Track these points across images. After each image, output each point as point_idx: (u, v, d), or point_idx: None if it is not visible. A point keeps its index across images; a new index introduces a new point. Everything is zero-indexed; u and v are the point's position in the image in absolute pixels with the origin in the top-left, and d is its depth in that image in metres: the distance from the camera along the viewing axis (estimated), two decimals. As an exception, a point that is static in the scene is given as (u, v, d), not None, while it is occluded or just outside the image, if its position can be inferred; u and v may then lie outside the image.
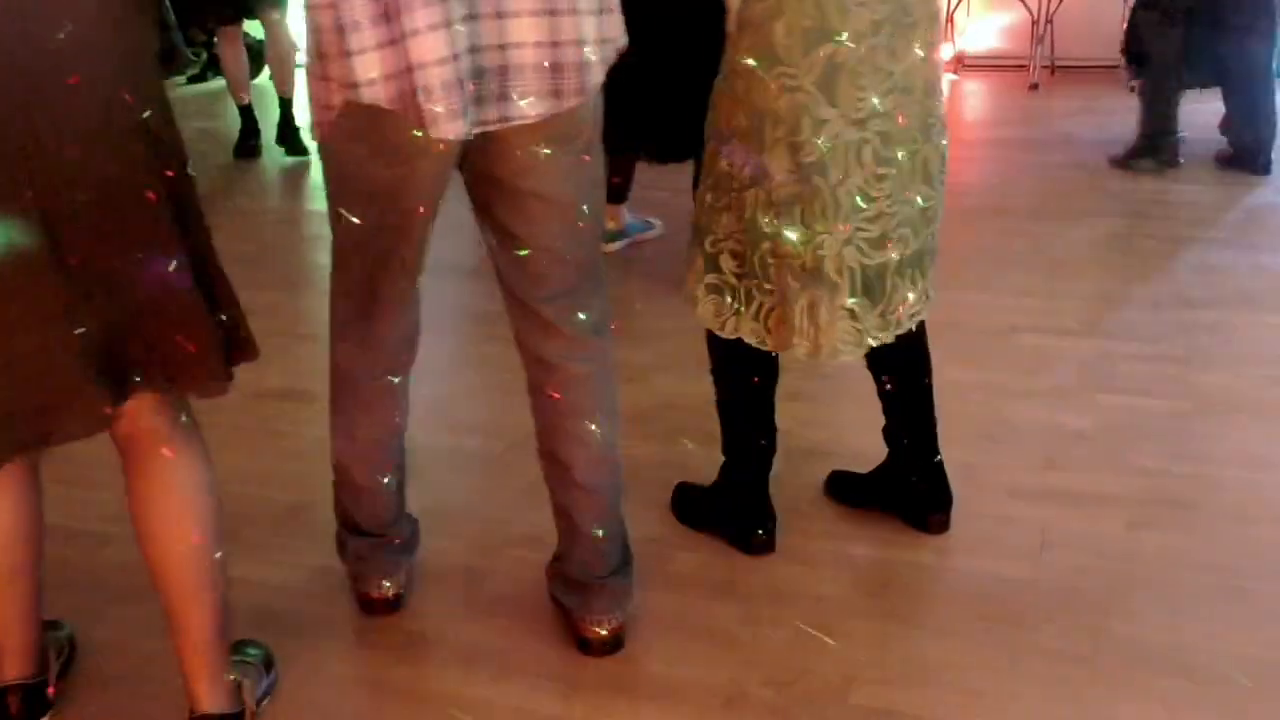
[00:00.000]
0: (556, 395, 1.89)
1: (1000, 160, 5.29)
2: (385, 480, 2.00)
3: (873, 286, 1.98)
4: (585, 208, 1.79)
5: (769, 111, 1.89)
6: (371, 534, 2.04)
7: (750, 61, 1.88)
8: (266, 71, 6.08)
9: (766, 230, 1.94)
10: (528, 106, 1.61)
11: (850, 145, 1.89)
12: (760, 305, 2.02)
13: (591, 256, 1.87)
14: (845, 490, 2.40)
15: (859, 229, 1.94)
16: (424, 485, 2.45)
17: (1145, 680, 1.85)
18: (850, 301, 1.97)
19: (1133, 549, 2.20)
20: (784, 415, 2.75)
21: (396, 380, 1.94)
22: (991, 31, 7.34)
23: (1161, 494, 2.39)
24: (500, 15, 1.57)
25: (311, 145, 5.41)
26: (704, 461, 2.56)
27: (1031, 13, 6.85)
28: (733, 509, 2.26)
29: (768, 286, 1.99)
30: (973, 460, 2.53)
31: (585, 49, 1.63)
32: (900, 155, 1.93)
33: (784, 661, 1.92)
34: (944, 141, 2.03)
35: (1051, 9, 6.75)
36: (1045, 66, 6.81)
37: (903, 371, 2.23)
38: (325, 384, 1.97)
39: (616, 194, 3.99)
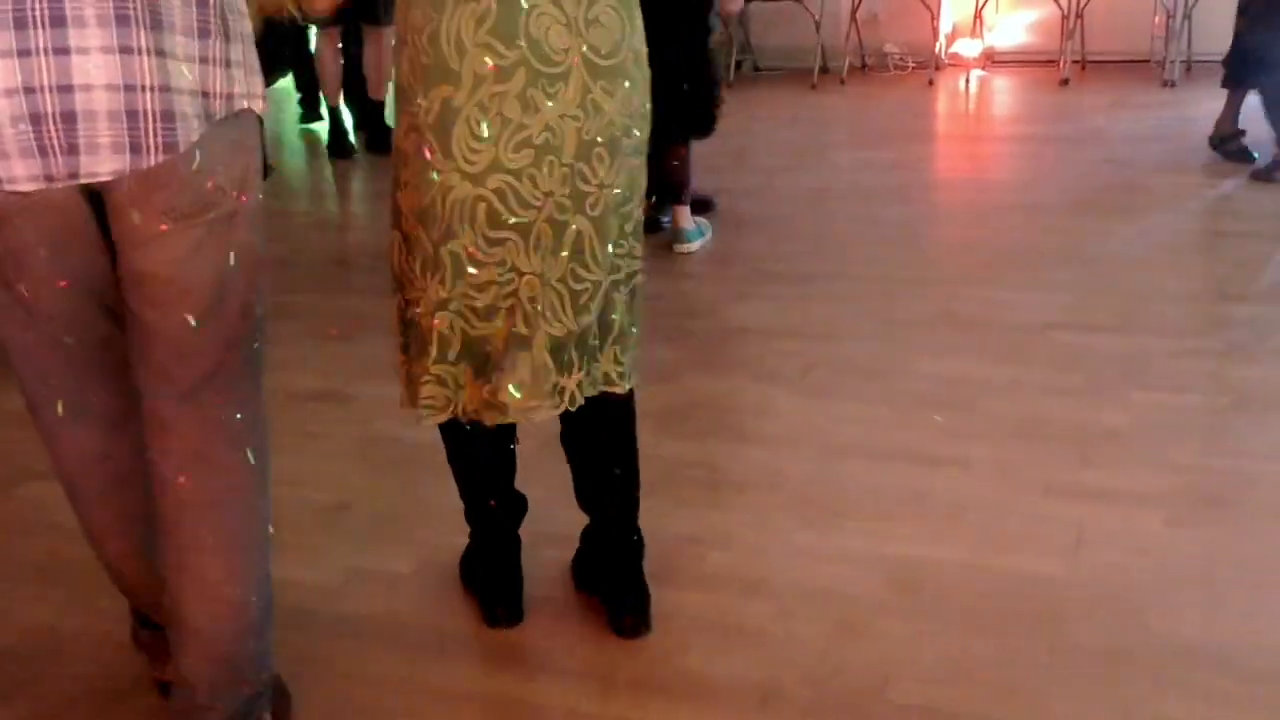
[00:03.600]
0: (173, 520, 1.59)
1: (1031, 156, 5.26)
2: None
3: (478, 358, 1.79)
4: (231, 292, 1.53)
5: (398, 149, 1.77)
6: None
7: (393, 96, 1.80)
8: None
9: (397, 274, 1.85)
10: (95, 162, 1.37)
11: (461, 202, 1.70)
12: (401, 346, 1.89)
13: (237, 353, 1.57)
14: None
15: (464, 294, 1.75)
16: (450, 485, 2.46)
17: (1185, 677, 1.83)
18: (436, 368, 1.79)
19: (1171, 546, 2.18)
20: (816, 413, 2.76)
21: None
22: (1020, 27, 7.30)
23: (1199, 490, 2.36)
24: (59, 51, 1.32)
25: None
26: (734, 460, 2.57)
27: (1061, 8, 6.80)
28: (481, 576, 2.10)
29: (398, 337, 1.88)
30: (1007, 458, 2.52)
31: (174, 97, 1.39)
32: (529, 220, 1.72)
33: (820, 659, 1.91)
34: (619, 213, 1.80)
35: (1081, 3, 6.70)
36: (1075, 61, 6.77)
37: (580, 452, 2.01)
38: (361, 384, 1.98)
39: (675, 194, 3.95)
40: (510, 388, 1.77)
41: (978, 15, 7.14)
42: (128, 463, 1.64)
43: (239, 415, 1.60)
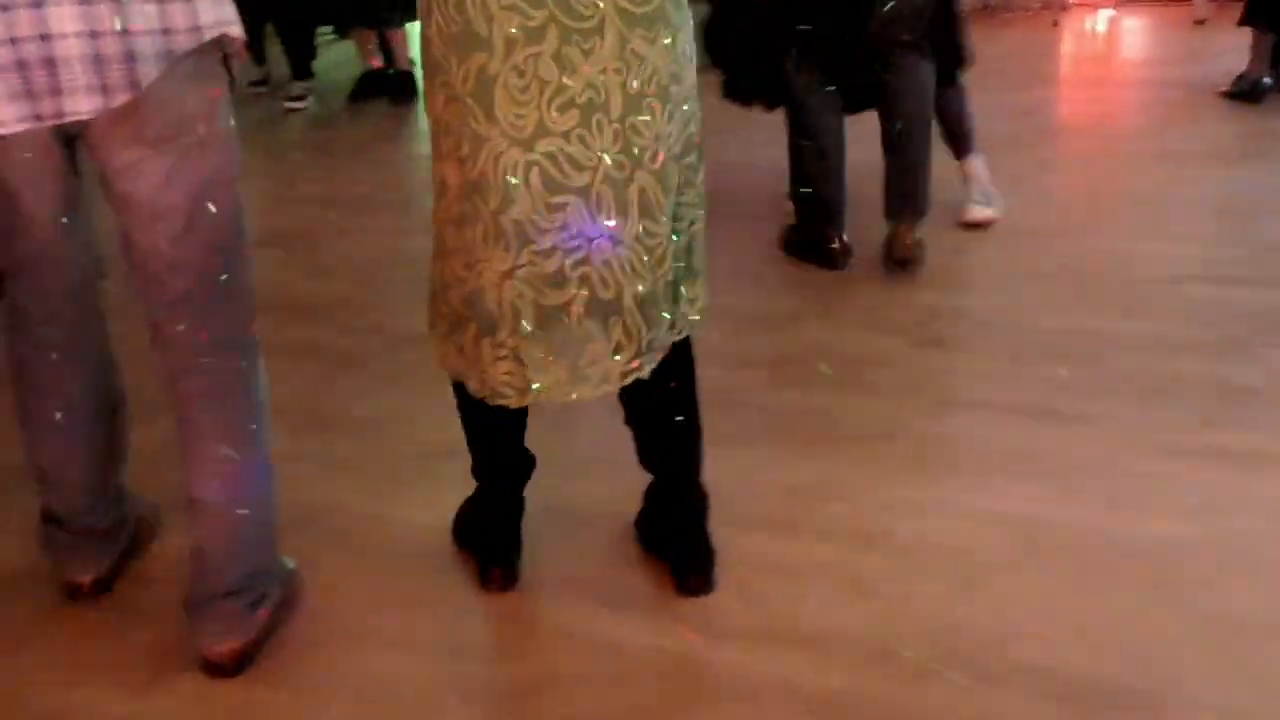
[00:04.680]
0: (178, 414, 1.80)
1: (1163, 101, 5.06)
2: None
3: (552, 329, 1.74)
4: (201, 211, 1.68)
5: (439, 120, 1.74)
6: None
7: (421, 68, 1.76)
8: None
9: (447, 246, 1.80)
10: (75, 102, 1.55)
11: (513, 167, 1.66)
12: (449, 328, 1.85)
13: (212, 265, 1.72)
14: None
15: (529, 263, 1.71)
16: (577, 432, 2.49)
17: (1321, 648, 1.77)
18: (511, 341, 1.75)
19: (1306, 511, 2.11)
20: (934, 365, 2.72)
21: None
22: (1154, -36, 7.00)
23: (1337, 454, 2.28)
24: (38, 5, 1.50)
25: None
26: (851, 411, 2.55)
27: (1198, -57, 6.50)
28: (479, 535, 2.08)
29: (445, 309, 1.84)
30: (1135, 415, 2.45)
31: (135, 40, 1.54)
32: (586, 183, 1.69)
33: (937, 616, 1.89)
34: (680, 163, 1.76)
35: (1221, -61, 6.39)
36: (1213, 0, 6.46)
37: (638, 405, 1.95)
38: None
39: (964, 143, 3.62)
40: (606, 355, 1.76)
41: (1109, -48, 6.87)
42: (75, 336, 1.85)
43: (228, 323, 1.77)
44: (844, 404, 2.58)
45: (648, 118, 1.68)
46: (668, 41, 1.68)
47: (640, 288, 1.74)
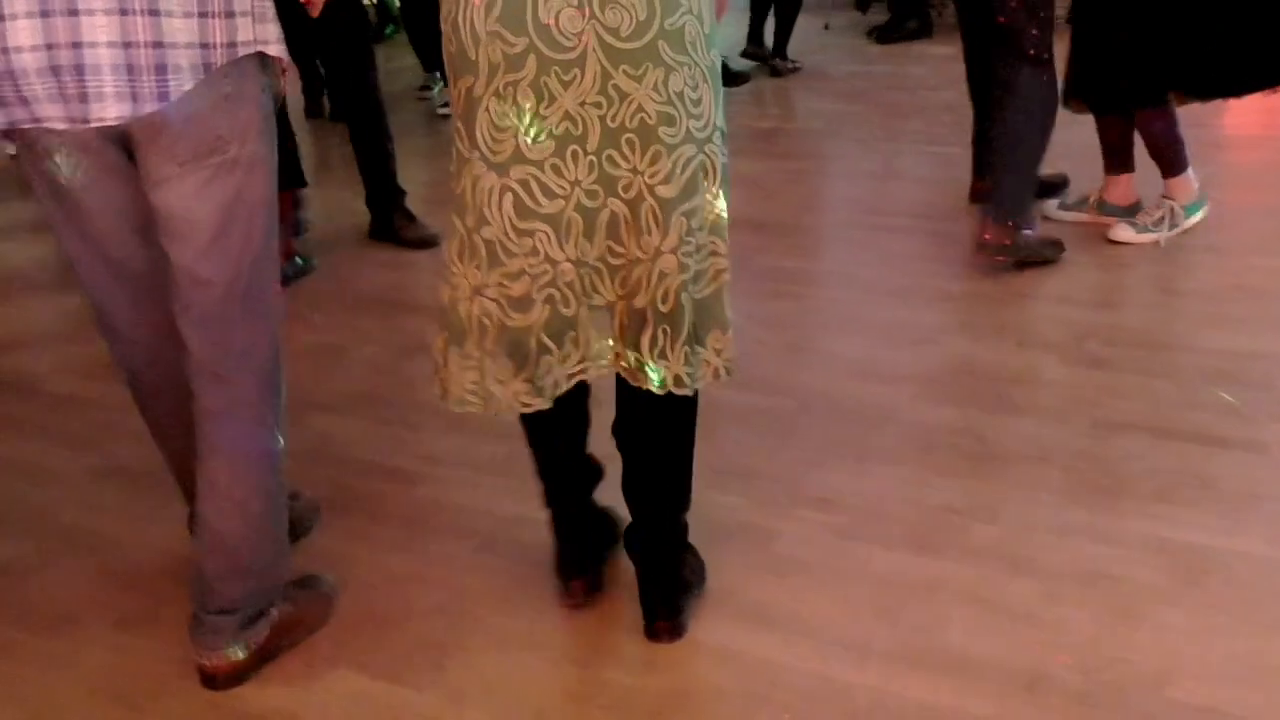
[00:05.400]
0: (197, 426, 1.81)
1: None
2: None
3: (516, 348, 1.74)
4: (230, 230, 1.71)
5: (454, 128, 1.73)
6: None
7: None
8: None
9: (444, 260, 1.80)
10: (102, 108, 1.57)
11: (488, 191, 1.66)
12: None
13: (240, 286, 1.74)
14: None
15: (497, 284, 1.70)
16: (714, 443, 2.47)
17: None
18: (476, 353, 1.75)
19: None
20: (1088, 385, 2.62)
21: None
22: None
23: None
24: (73, 13, 1.53)
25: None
26: (999, 430, 2.47)
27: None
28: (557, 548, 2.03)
29: (441, 330, 1.83)
30: (1306, 443, 2.32)
31: (168, 52, 1.57)
32: (557, 210, 1.66)
33: (1092, 647, 1.82)
34: (676, 209, 1.67)
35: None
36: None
37: (632, 445, 1.91)
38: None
39: (1122, 159, 3.53)
40: (553, 362, 1.75)
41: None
42: (173, 371, 1.83)
43: (248, 342, 1.79)
44: (994, 423, 2.50)
45: (625, 152, 1.64)
46: (658, 80, 1.61)
47: (597, 299, 1.74)
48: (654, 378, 1.75)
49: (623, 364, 1.78)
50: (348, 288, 3.57)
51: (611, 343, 1.78)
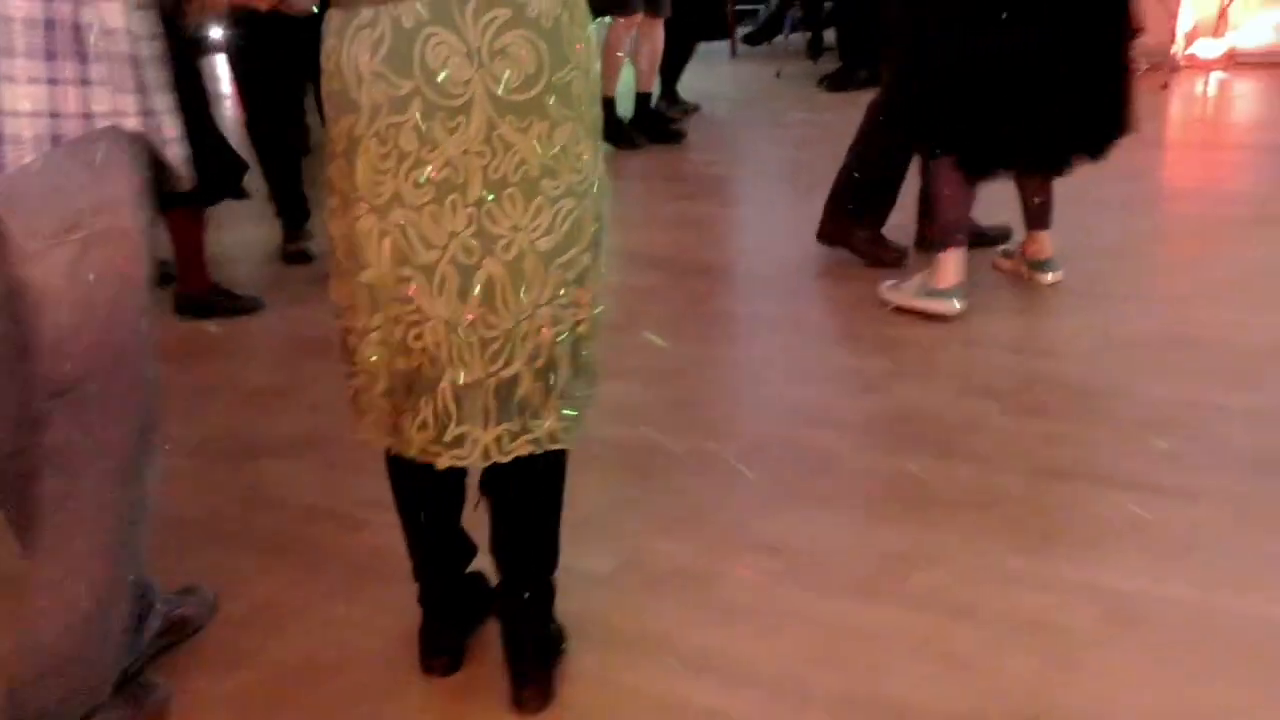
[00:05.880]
0: (36, 513, 1.66)
1: (1274, 166, 4.92)
2: None
3: (402, 393, 1.70)
4: (98, 309, 1.60)
5: (326, 175, 1.70)
6: None
7: None
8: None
9: (335, 299, 1.77)
10: None
11: (369, 234, 1.63)
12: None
13: (104, 369, 1.63)
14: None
15: (382, 326, 1.67)
16: (658, 488, 2.49)
17: None
18: (366, 395, 1.74)
19: None
20: (1029, 433, 2.66)
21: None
22: (1268, 27, 6.84)
23: None
24: None
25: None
26: (942, 476, 2.50)
27: (1315, 6, 6.35)
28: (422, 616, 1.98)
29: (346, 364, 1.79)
30: (1242, 491, 2.36)
31: (7, 120, 1.47)
32: (432, 261, 1.62)
33: (1030, 694, 1.83)
34: (552, 263, 1.65)
35: (1339, 2, 6.24)
36: (1329, 64, 6.30)
37: (499, 503, 1.86)
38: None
39: (1039, 218, 3.57)
40: (414, 429, 1.70)
41: (1222, 14, 6.73)
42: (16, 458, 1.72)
43: (106, 430, 1.65)
44: (938, 469, 2.53)
45: (507, 207, 1.61)
46: (543, 133, 1.60)
47: (462, 377, 1.67)
48: (534, 436, 1.71)
49: (481, 449, 1.71)
50: (296, 327, 3.55)
51: (468, 429, 1.70)
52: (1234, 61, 6.84)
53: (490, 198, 1.60)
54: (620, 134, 5.81)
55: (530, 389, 1.69)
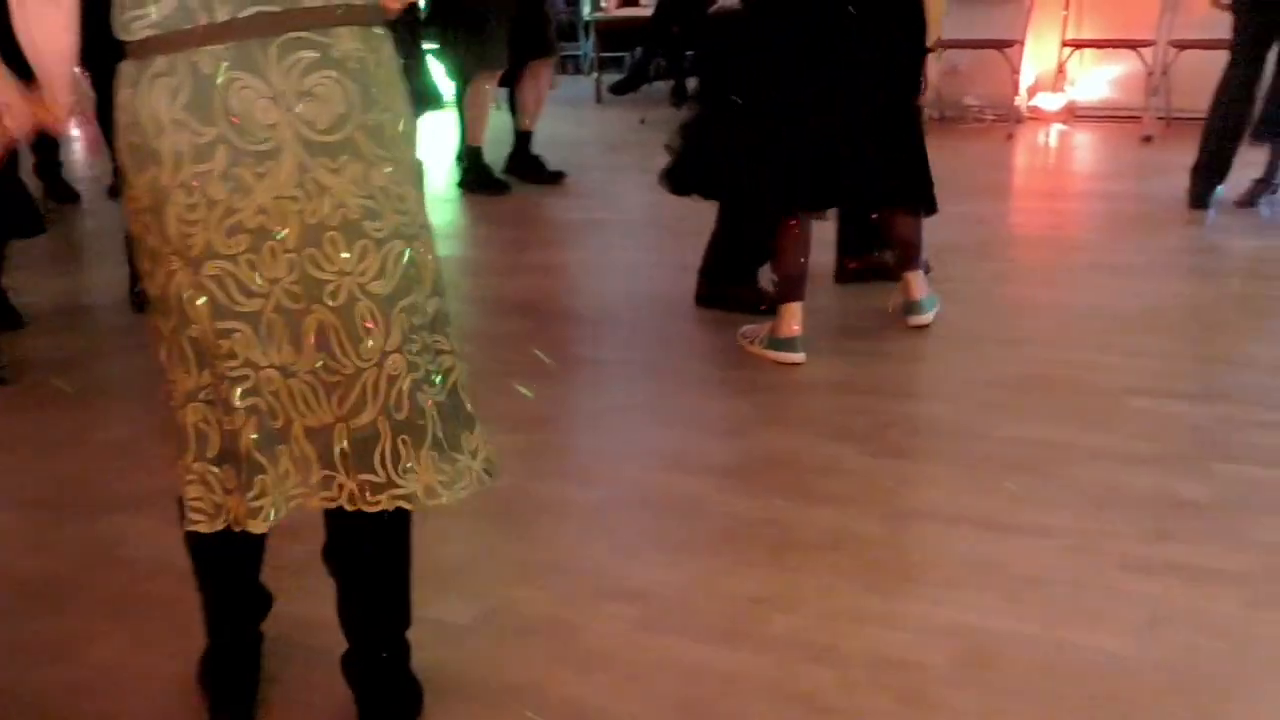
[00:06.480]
0: None
1: (1113, 215, 5.18)
2: None
3: (231, 458, 1.63)
4: None
5: (132, 234, 1.65)
6: None
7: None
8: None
9: (157, 364, 1.71)
10: None
11: (185, 289, 1.56)
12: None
13: None
14: None
15: (208, 386, 1.61)
16: (522, 537, 2.47)
17: (1267, 771, 1.76)
18: (197, 466, 1.65)
19: (1248, 629, 2.11)
20: (886, 474, 2.72)
21: None
22: (1104, 82, 7.22)
23: (1279, 571, 2.29)
24: None
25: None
26: (801, 519, 2.54)
27: (1146, 63, 6.72)
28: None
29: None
30: (1084, 528, 2.46)
31: None
32: (255, 310, 1.57)
33: (884, 733, 1.87)
34: (393, 306, 1.60)
35: (1168, 60, 6.62)
36: (1160, 118, 6.67)
37: (348, 567, 1.83)
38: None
39: (906, 260, 3.69)
40: (268, 482, 1.62)
41: (1060, 69, 7.08)
42: None
43: None
44: (797, 513, 2.58)
45: (329, 251, 1.56)
46: (359, 175, 1.56)
47: (311, 422, 1.63)
48: (404, 491, 1.66)
49: (347, 493, 1.66)
50: (150, 378, 3.43)
51: (331, 473, 1.66)
52: (1073, 114, 7.19)
53: (310, 248, 1.55)
54: (490, 182, 5.82)
55: (394, 442, 1.64)
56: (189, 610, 2.22)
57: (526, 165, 5.99)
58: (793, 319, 3.42)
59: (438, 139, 6.57)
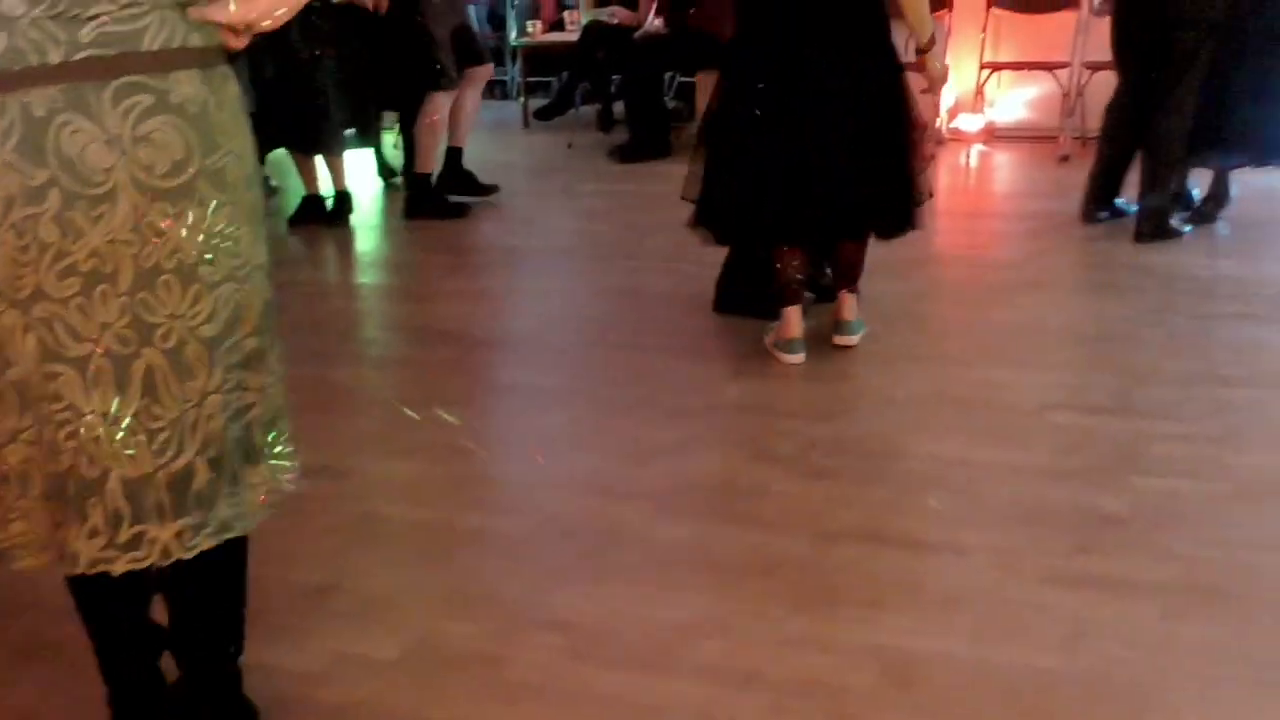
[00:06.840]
0: None
1: (1030, 233, 5.27)
2: None
3: (70, 495, 1.59)
4: None
5: None
6: None
7: None
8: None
9: None
10: None
11: (11, 331, 1.53)
12: None
13: None
14: None
15: (32, 426, 1.58)
16: (447, 568, 2.44)
17: (1185, 781, 1.79)
18: (21, 504, 1.62)
19: (1168, 640, 2.15)
20: (813, 496, 2.74)
21: None
22: (1021, 103, 7.37)
23: (1197, 581, 2.33)
24: None
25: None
26: (729, 543, 2.54)
27: (1061, 85, 6.87)
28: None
29: None
30: (1005, 544, 2.49)
31: None
32: (84, 354, 1.53)
33: (811, 756, 1.87)
34: (220, 347, 1.60)
35: (1082, 82, 6.77)
36: (1076, 138, 6.81)
37: (180, 596, 1.80)
38: (356, 459, 1.96)
39: (844, 278, 3.76)
40: (82, 536, 1.58)
41: (979, 91, 7.21)
42: None
43: None
44: (724, 536, 2.58)
45: (163, 295, 1.54)
46: (197, 219, 1.54)
47: (129, 472, 1.58)
48: (210, 529, 1.64)
49: (174, 545, 1.62)
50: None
51: (152, 526, 1.61)
52: (992, 135, 7.32)
53: (143, 293, 1.53)
54: (446, 208, 5.76)
55: (205, 480, 1.62)
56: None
57: (459, 181, 5.95)
58: (793, 323, 3.64)
59: (360, 167, 6.51)
